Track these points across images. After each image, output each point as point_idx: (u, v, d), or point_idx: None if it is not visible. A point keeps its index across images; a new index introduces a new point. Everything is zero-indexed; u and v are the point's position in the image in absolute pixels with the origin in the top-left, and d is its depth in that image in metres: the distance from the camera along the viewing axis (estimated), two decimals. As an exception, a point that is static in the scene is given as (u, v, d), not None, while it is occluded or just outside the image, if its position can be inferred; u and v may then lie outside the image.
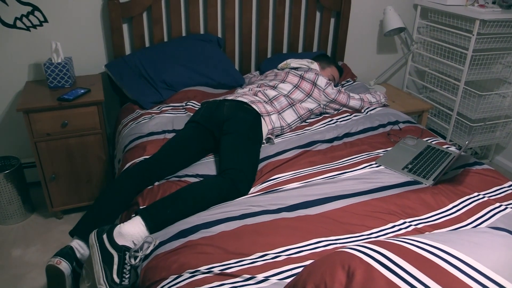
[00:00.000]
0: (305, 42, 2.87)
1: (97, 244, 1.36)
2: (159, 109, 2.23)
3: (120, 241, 1.36)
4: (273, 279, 1.18)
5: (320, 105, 2.22)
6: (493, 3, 2.86)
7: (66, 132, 2.16)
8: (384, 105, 2.44)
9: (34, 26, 2.32)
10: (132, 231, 1.38)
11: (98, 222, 1.52)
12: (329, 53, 3.01)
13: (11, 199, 2.27)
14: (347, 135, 2.09)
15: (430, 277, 0.78)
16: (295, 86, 2.15)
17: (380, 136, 2.10)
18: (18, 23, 2.28)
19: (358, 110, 2.32)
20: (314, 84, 2.17)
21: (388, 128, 2.19)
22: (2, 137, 2.51)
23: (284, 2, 2.67)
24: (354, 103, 2.30)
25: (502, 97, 2.95)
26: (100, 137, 2.24)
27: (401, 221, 1.47)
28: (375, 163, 1.84)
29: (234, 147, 1.76)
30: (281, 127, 2.04)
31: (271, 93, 2.11)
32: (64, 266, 1.43)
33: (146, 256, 1.33)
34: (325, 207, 1.51)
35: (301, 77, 2.18)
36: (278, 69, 2.38)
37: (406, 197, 1.60)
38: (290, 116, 2.09)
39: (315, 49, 2.95)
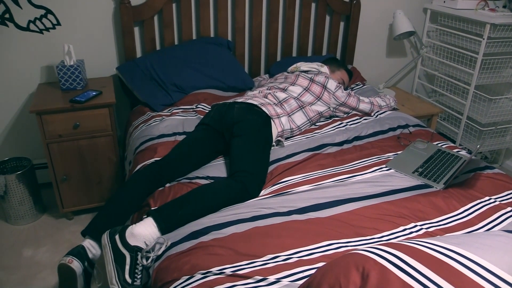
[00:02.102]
0: (314, 45, 2.87)
1: (110, 245, 1.37)
2: (169, 111, 2.25)
3: (132, 242, 1.37)
4: (285, 281, 1.18)
5: (329, 108, 2.22)
6: (504, 7, 2.85)
7: (77, 134, 2.18)
8: (394, 109, 2.44)
9: (47, 29, 2.35)
10: (144, 232, 1.39)
11: (110, 223, 1.54)
12: (338, 56, 3.01)
13: (23, 200, 2.29)
14: (357, 138, 2.09)
15: (445, 278, 0.78)
16: (305, 89, 2.16)
17: (390, 140, 2.10)
18: (32, 26, 2.32)
19: (368, 114, 2.32)
20: (324, 87, 2.18)
21: (398, 131, 2.19)
22: (14, 138, 2.54)
23: (294, 6, 2.69)
24: (364, 106, 2.30)
25: (512, 101, 2.93)
26: (111, 139, 2.26)
27: (412, 224, 1.47)
28: (385, 167, 1.84)
29: (245, 149, 1.77)
30: (290, 129, 2.04)
31: (281, 95, 2.11)
32: (76, 265, 1.44)
33: (158, 257, 1.34)
34: (335, 210, 1.51)
35: (311, 80, 2.19)
36: (288, 72, 2.39)
37: (416, 200, 1.59)
38: (299, 119, 2.10)
39: (324, 52, 2.96)
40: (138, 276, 1.34)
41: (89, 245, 1.53)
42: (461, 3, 2.78)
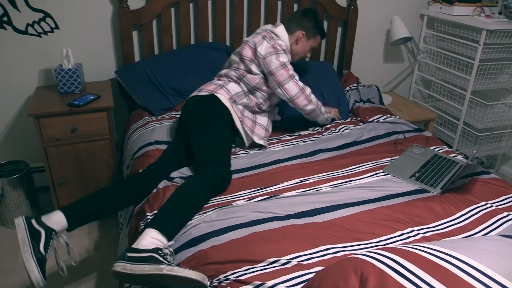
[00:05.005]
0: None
1: (132, 260, 1.28)
2: (168, 115, 2.25)
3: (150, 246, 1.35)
4: (283, 286, 1.18)
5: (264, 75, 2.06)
6: (500, 13, 2.87)
7: (75, 138, 2.18)
8: (333, 120, 2.33)
9: (46, 33, 2.36)
10: (152, 240, 1.37)
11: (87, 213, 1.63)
12: (336, 62, 3.02)
13: (20, 203, 2.28)
14: (354, 143, 2.10)
15: (442, 282, 0.79)
16: (240, 56, 2.06)
17: (387, 145, 2.11)
18: (30, 30, 2.32)
19: (306, 113, 2.10)
20: (255, 49, 2.02)
21: (394, 137, 2.20)
22: (12, 141, 2.53)
23: (292, 11, 2.70)
24: (305, 98, 2.01)
25: (508, 107, 2.95)
26: (109, 143, 2.26)
27: (409, 229, 1.47)
28: (383, 172, 1.85)
29: (200, 137, 1.81)
30: (243, 91, 2.03)
31: (223, 71, 2.14)
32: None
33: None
34: (333, 215, 1.52)
35: (245, 42, 2.09)
36: None
37: (413, 205, 1.60)
38: (236, 88, 2.04)
39: (322, 57, 2.97)
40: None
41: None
42: (458, 10, 2.81)
